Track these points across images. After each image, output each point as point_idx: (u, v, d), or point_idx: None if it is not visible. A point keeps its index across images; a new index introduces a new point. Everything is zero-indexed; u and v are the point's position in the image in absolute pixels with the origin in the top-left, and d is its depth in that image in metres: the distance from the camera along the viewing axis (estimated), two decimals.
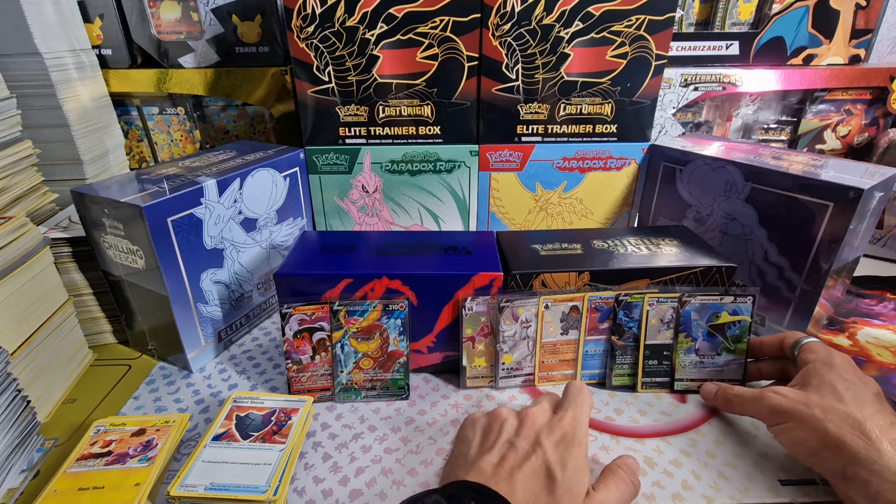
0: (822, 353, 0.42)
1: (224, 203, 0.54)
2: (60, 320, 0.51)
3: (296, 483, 0.41)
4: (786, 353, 0.46)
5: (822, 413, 0.37)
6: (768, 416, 0.40)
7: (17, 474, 0.42)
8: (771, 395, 0.40)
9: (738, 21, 0.75)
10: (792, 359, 0.45)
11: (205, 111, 0.80)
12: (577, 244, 0.54)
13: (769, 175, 0.54)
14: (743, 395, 0.43)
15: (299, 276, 0.48)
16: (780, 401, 0.39)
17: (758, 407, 0.41)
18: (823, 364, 0.40)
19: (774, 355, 0.48)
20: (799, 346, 0.44)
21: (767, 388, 0.41)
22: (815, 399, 0.38)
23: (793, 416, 0.38)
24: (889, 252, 0.73)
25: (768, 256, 0.56)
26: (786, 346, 0.46)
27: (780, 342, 0.47)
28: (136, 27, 0.70)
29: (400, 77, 0.62)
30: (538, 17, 0.59)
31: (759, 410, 0.41)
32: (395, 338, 0.49)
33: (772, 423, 0.40)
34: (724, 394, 0.45)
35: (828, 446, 0.36)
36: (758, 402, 0.41)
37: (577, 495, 0.34)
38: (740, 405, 0.43)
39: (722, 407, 0.46)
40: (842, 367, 0.40)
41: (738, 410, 0.44)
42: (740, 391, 0.44)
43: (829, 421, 0.36)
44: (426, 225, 0.72)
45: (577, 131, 0.66)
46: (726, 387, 0.45)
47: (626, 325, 0.50)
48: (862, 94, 0.77)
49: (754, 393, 0.42)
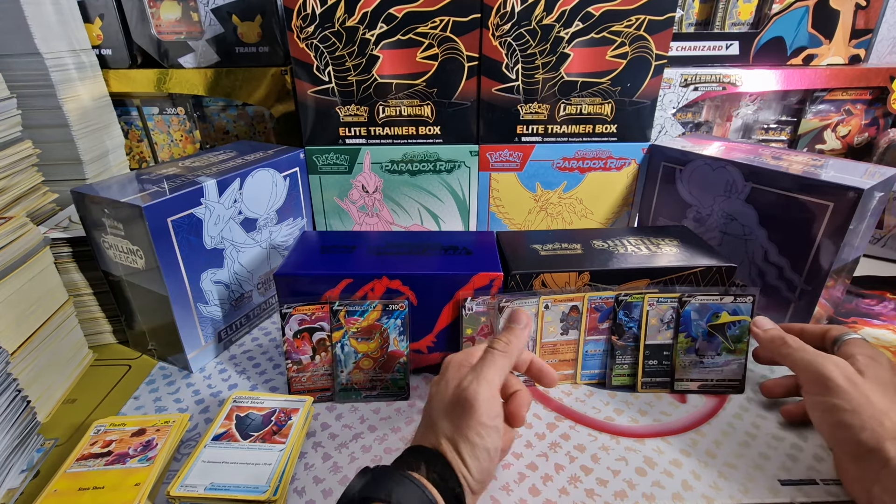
0: (868, 349, 0.40)
1: (224, 203, 0.54)
2: (60, 320, 0.51)
3: (296, 483, 0.41)
4: (826, 346, 0.44)
5: (881, 409, 0.35)
6: (815, 383, 0.38)
7: (17, 474, 0.42)
8: (833, 368, 0.38)
9: (738, 21, 0.75)
10: (831, 352, 0.43)
11: (205, 111, 0.80)
12: (577, 244, 0.54)
13: (769, 175, 0.54)
14: (800, 349, 0.40)
15: (299, 276, 0.48)
16: (841, 381, 0.37)
17: (816, 371, 0.38)
18: (871, 360, 0.39)
19: (814, 345, 0.45)
20: (842, 341, 0.42)
21: (832, 358, 0.39)
22: (878, 392, 0.36)
23: (849, 400, 0.36)
24: (889, 252, 0.73)
25: (768, 256, 0.56)
26: (828, 338, 0.44)
27: (824, 334, 0.44)
28: (136, 27, 0.70)
29: (400, 77, 0.62)
30: (538, 17, 0.59)
31: (814, 376, 0.39)
32: (395, 338, 0.49)
33: (814, 392, 0.39)
34: (776, 337, 0.43)
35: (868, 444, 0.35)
36: (819, 368, 0.38)
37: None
38: (789, 356, 0.41)
39: (767, 349, 0.44)
40: (888, 368, 0.39)
41: (784, 360, 0.42)
42: (802, 345, 0.41)
43: (885, 418, 0.35)
44: (426, 225, 0.72)
45: (577, 131, 0.66)
46: (781, 333, 0.43)
47: (626, 325, 0.50)
48: (862, 94, 0.77)
49: (818, 356, 0.39)
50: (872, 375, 0.37)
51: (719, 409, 0.48)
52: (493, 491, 0.40)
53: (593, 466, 0.42)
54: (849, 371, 0.38)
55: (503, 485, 0.41)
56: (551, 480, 0.41)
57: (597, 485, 0.40)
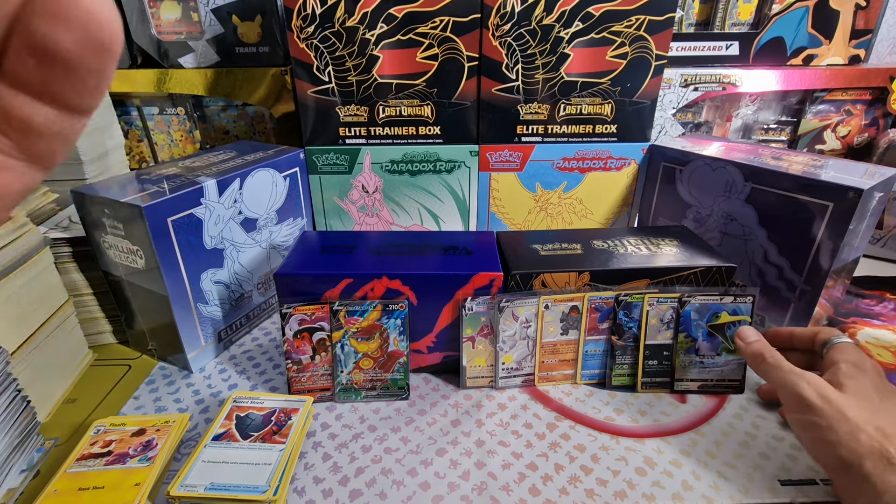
0: (853, 355, 0.40)
1: (224, 203, 0.54)
2: (60, 320, 0.51)
3: (296, 483, 0.41)
4: (815, 349, 0.44)
5: (856, 424, 0.35)
6: (791, 401, 0.38)
7: (17, 474, 0.42)
8: (806, 386, 0.38)
9: (738, 21, 0.75)
10: (820, 355, 0.43)
11: (205, 111, 0.80)
12: (577, 244, 0.54)
13: (769, 175, 0.54)
14: (776, 367, 0.41)
15: (299, 276, 0.48)
16: (814, 399, 0.37)
17: (790, 390, 0.39)
18: (855, 367, 0.39)
19: (804, 348, 0.46)
20: (830, 345, 0.42)
21: (805, 376, 0.39)
22: (854, 406, 0.36)
23: (824, 417, 0.36)
24: (889, 252, 0.73)
25: (768, 256, 0.56)
26: (818, 341, 0.44)
27: (813, 336, 0.45)
28: (137, 27, 0.70)
29: (400, 77, 0.62)
30: (538, 17, 0.59)
31: (789, 394, 0.39)
32: (395, 338, 0.49)
33: (792, 409, 0.39)
34: (759, 352, 0.43)
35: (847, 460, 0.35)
36: (792, 386, 0.39)
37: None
38: (767, 373, 0.41)
39: (749, 362, 0.44)
40: (873, 375, 0.38)
41: (763, 376, 0.42)
42: (779, 362, 0.41)
43: (861, 433, 0.35)
44: (426, 225, 0.72)
45: (577, 131, 0.66)
46: (762, 348, 0.43)
47: (626, 325, 0.50)
48: (862, 95, 0.77)
49: (791, 374, 0.39)
50: (852, 387, 0.37)
51: (719, 410, 0.48)
52: (493, 491, 0.40)
53: (593, 466, 0.42)
54: (822, 388, 0.38)
55: (503, 485, 0.41)
56: (551, 480, 0.41)
57: (597, 485, 0.40)
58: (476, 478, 0.41)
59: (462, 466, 0.42)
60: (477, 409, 0.48)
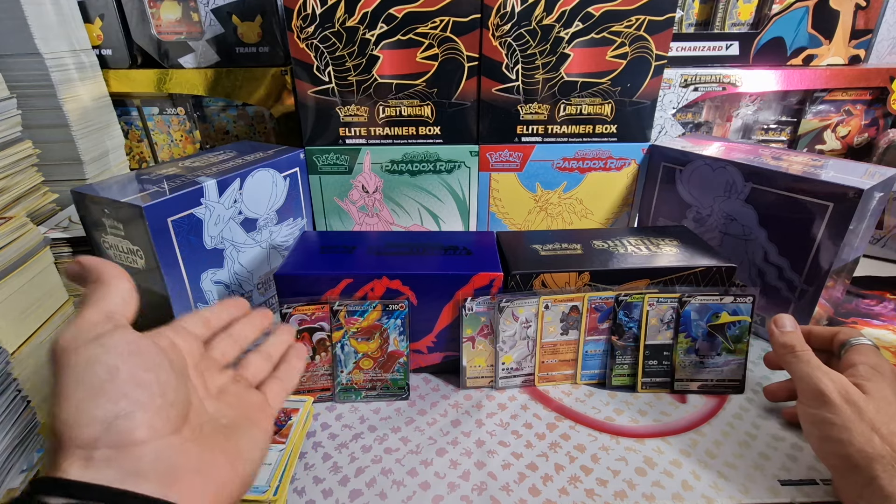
0: (873, 358, 0.40)
1: (224, 203, 0.54)
2: (60, 320, 0.51)
3: (296, 483, 0.41)
4: (833, 349, 0.44)
5: (872, 426, 0.35)
6: (810, 395, 0.38)
7: (17, 474, 0.42)
8: (829, 382, 0.38)
9: (737, 21, 0.75)
10: (837, 356, 0.43)
11: (205, 111, 0.80)
12: (577, 244, 0.54)
13: (769, 175, 0.54)
14: (803, 360, 0.40)
15: (299, 276, 0.48)
16: (834, 396, 0.37)
17: (811, 383, 0.38)
18: (874, 370, 0.38)
19: (822, 347, 0.45)
20: (849, 346, 0.42)
21: (830, 373, 0.39)
22: (872, 409, 0.36)
23: (840, 415, 0.36)
24: (889, 252, 0.73)
25: (768, 256, 0.56)
26: (837, 341, 0.43)
27: (832, 336, 0.44)
28: (137, 27, 0.70)
29: (400, 77, 0.62)
30: (538, 17, 0.59)
31: (809, 388, 0.38)
32: (395, 338, 0.49)
33: (808, 403, 0.38)
34: (791, 343, 0.42)
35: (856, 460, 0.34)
36: (814, 381, 0.38)
37: None
38: (791, 364, 0.41)
39: (776, 349, 0.43)
40: (892, 379, 0.38)
41: (786, 366, 0.42)
42: (809, 357, 0.40)
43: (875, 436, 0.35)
44: (426, 225, 0.72)
45: (577, 131, 0.66)
46: (794, 341, 0.42)
47: (626, 326, 0.50)
48: (862, 95, 0.77)
49: (818, 370, 0.39)
50: (873, 390, 0.37)
51: (719, 410, 0.48)
52: (493, 491, 0.40)
53: (593, 466, 0.42)
54: (845, 387, 0.37)
55: (503, 485, 0.41)
56: (551, 480, 0.41)
57: (597, 485, 0.40)
58: (476, 478, 0.41)
59: (462, 466, 0.42)
60: (477, 410, 0.49)
